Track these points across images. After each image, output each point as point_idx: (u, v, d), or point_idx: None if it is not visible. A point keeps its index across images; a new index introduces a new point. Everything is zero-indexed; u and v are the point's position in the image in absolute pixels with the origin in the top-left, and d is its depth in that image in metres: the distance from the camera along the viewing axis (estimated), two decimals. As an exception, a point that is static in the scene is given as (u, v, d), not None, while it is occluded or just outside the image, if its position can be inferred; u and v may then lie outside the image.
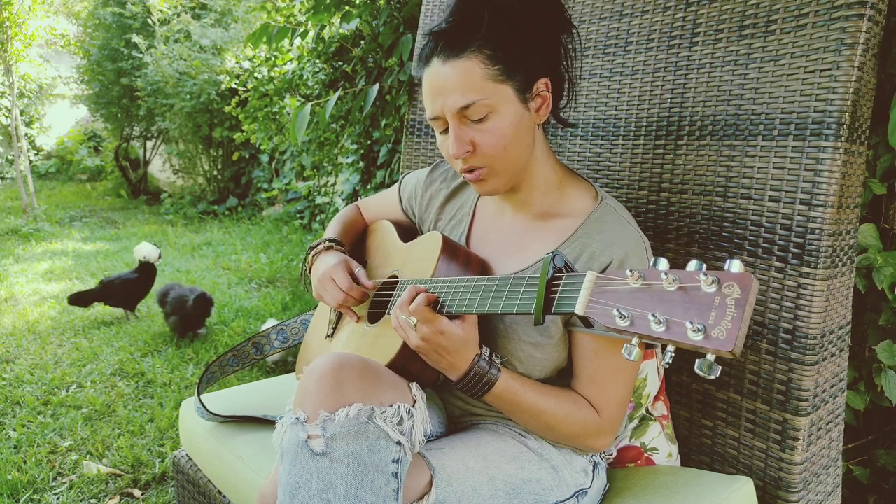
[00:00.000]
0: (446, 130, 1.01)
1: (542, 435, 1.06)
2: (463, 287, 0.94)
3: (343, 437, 0.85)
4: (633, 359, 0.66)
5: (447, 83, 0.97)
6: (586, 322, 0.75)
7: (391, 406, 0.90)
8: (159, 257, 3.33)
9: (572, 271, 0.79)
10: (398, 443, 0.87)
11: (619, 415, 1.05)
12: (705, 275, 0.60)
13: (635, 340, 0.66)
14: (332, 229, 1.36)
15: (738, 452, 1.22)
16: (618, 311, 0.66)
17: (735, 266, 0.60)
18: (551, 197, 1.10)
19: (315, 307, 1.51)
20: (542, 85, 1.01)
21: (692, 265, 0.63)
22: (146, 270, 3.32)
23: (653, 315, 0.63)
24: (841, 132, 1.06)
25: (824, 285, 1.09)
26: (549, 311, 0.77)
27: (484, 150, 0.99)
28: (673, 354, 0.63)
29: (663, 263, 0.66)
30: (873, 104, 1.13)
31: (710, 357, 0.59)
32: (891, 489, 1.55)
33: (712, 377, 0.59)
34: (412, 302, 0.95)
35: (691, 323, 0.59)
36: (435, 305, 0.96)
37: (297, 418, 0.89)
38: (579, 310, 0.71)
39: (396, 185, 1.39)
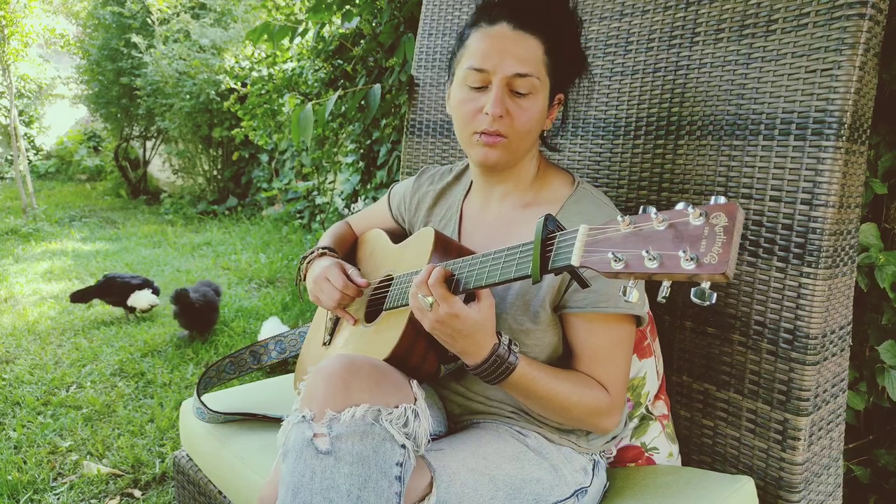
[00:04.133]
0: (480, 89, 1.05)
1: (554, 419, 1.06)
2: (460, 265, 0.95)
3: (349, 436, 0.85)
4: (632, 300, 0.68)
5: (512, 47, 1.02)
6: (582, 282, 0.78)
7: (397, 407, 0.90)
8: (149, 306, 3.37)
9: (562, 228, 0.82)
10: (403, 446, 0.87)
11: (625, 391, 1.07)
12: (693, 209, 0.63)
13: (632, 282, 0.68)
14: (325, 240, 1.38)
15: (739, 452, 1.22)
16: (612, 254, 0.68)
17: (721, 200, 0.63)
18: (533, 188, 1.16)
19: (313, 311, 1.51)
20: (558, 99, 1.12)
21: (679, 205, 0.66)
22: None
23: (646, 252, 0.65)
24: (842, 132, 1.06)
25: (825, 285, 1.09)
26: (545, 269, 0.79)
27: (515, 123, 1.04)
28: (669, 288, 0.65)
29: (652, 209, 0.68)
30: (874, 104, 1.12)
31: (705, 284, 0.62)
32: (891, 489, 1.55)
33: (707, 304, 0.61)
34: (426, 279, 0.93)
35: (684, 252, 0.62)
36: (449, 283, 0.93)
37: (304, 416, 0.88)
38: (575, 261, 0.73)
39: (385, 196, 1.43)
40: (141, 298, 3.31)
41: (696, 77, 1.25)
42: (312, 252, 1.31)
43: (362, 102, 2.23)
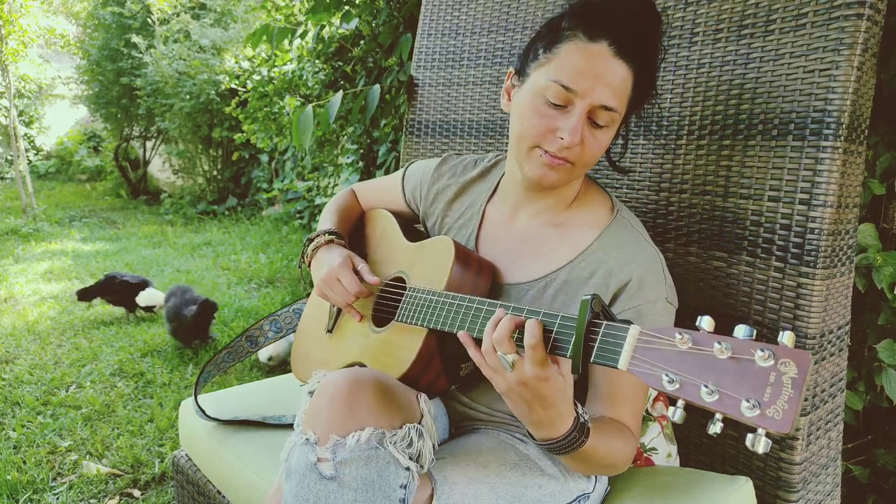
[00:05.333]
0: (558, 107, 0.95)
1: (593, 473, 1.01)
2: (483, 311, 0.88)
3: (353, 462, 0.84)
4: (677, 420, 0.64)
5: (609, 75, 0.93)
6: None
7: (401, 428, 0.89)
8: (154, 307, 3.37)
9: (609, 317, 0.75)
10: (407, 468, 0.87)
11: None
12: (762, 350, 0.59)
13: (680, 402, 0.64)
14: (329, 217, 1.32)
15: (738, 452, 1.22)
16: (666, 374, 0.64)
17: (787, 339, 0.59)
18: (570, 208, 1.10)
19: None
20: (622, 127, 1.05)
21: (741, 331, 0.61)
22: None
23: (705, 385, 0.61)
24: (840, 132, 1.06)
25: (823, 285, 1.09)
26: (588, 359, 0.72)
27: (585, 153, 0.98)
28: (722, 425, 0.61)
29: (707, 322, 0.64)
30: (872, 104, 1.13)
31: (762, 432, 0.58)
32: (890, 489, 1.55)
33: (760, 452, 0.59)
34: (510, 335, 0.79)
35: (747, 401, 0.58)
36: (547, 342, 0.78)
37: (308, 439, 0.87)
38: (622, 366, 0.68)
39: (399, 173, 1.36)
40: (152, 297, 3.31)
41: (695, 77, 1.25)
42: (318, 236, 1.24)
43: (362, 103, 2.24)
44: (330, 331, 1.27)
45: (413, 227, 1.33)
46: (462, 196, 1.24)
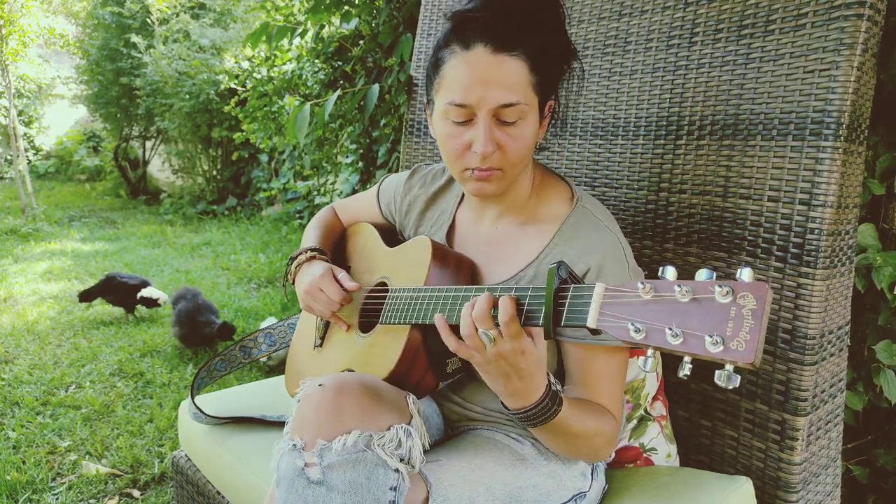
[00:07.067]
0: (465, 123, 0.96)
1: (573, 455, 1.01)
2: (461, 297, 0.89)
3: (340, 465, 0.84)
4: (648, 370, 0.66)
5: (494, 76, 0.92)
6: (594, 331, 0.73)
7: (389, 430, 0.89)
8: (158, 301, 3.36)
9: (577, 281, 0.77)
10: (396, 470, 0.87)
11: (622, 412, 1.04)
12: (720, 286, 0.60)
13: (650, 352, 0.65)
14: (311, 235, 1.33)
15: (737, 452, 1.22)
16: (632, 324, 0.65)
17: (746, 274, 0.60)
18: (530, 203, 1.10)
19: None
20: (549, 107, 1.03)
21: (702, 274, 0.63)
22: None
23: (669, 328, 0.62)
24: (840, 132, 1.06)
25: (823, 285, 1.09)
26: (558, 323, 0.74)
27: (508, 154, 0.97)
28: (691, 366, 0.62)
29: (671, 272, 0.65)
30: (872, 104, 1.13)
31: (729, 367, 0.60)
32: (890, 489, 1.55)
33: (731, 387, 0.59)
34: (489, 310, 0.81)
35: (710, 336, 0.59)
36: (520, 315, 0.80)
37: (295, 445, 0.88)
38: (591, 323, 0.69)
39: (375, 188, 1.38)
40: (154, 291, 3.32)
41: (695, 77, 1.25)
42: (300, 254, 1.25)
43: (361, 103, 2.24)
44: (319, 346, 1.27)
45: (395, 237, 1.33)
46: (433, 205, 1.26)
